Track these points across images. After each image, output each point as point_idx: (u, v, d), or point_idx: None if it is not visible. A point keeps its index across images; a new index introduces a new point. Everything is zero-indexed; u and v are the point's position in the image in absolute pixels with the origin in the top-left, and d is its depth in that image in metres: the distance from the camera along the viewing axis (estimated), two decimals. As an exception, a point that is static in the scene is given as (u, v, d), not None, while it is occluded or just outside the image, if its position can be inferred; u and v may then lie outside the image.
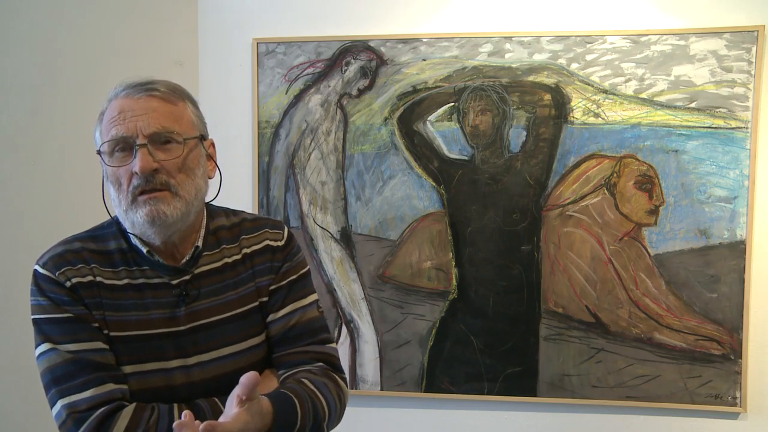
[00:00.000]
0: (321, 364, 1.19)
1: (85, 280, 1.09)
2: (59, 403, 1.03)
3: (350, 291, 2.18)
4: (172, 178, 1.08)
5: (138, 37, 2.09)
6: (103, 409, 1.02)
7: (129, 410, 1.03)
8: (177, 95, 1.12)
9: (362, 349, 2.18)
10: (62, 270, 1.08)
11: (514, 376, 2.12)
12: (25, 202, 1.83)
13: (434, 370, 2.15)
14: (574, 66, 2.06)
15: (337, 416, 1.17)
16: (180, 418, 0.94)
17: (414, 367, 2.16)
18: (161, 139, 1.07)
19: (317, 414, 1.10)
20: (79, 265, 1.10)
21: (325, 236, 2.19)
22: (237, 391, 0.94)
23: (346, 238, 2.18)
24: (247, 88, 2.20)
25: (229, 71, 2.22)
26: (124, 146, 1.07)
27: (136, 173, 1.05)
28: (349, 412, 2.18)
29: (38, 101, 1.86)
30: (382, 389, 2.18)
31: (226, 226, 1.21)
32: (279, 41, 2.17)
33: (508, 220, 2.10)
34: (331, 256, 2.19)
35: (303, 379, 1.13)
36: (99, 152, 1.10)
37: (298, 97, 2.17)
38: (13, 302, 1.82)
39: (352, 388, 2.18)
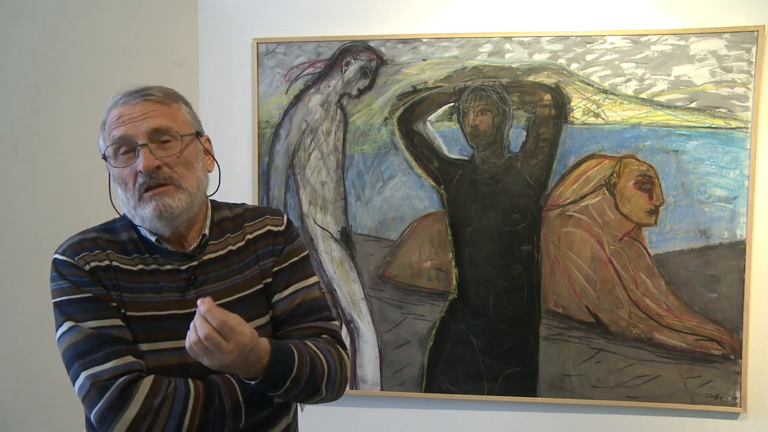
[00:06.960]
0: (325, 336, 1.25)
1: (102, 264, 1.16)
2: (82, 375, 1.09)
3: (350, 291, 2.18)
4: (174, 172, 1.16)
5: (138, 37, 2.09)
6: (124, 377, 1.08)
7: (149, 379, 1.09)
8: (171, 98, 1.21)
9: (362, 349, 2.18)
10: (81, 255, 1.16)
11: (514, 376, 2.12)
12: (25, 202, 1.83)
13: (434, 370, 2.15)
14: (574, 66, 2.06)
15: (337, 382, 1.21)
16: (195, 391, 1.08)
17: (414, 367, 2.16)
18: (160, 137, 1.15)
19: (314, 368, 1.15)
20: (96, 251, 1.17)
21: (325, 236, 2.19)
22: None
23: (346, 238, 2.18)
24: (247, 88, 2.20)
25: (229, 71, 2.22)
26: (126, 148, 1.15)
27: (141, 172, 1.13)
28: (349, 412, 2.21)
29: (38, 101, 1.86)
30: (382, 389, 2.18)
31: (229, 217, 1.30)
32: (279, 41, 2.17)
33: (508, 220, 2.10)
34: (331, 256, 2.19)
35: (305, 341, 1.20)
36: (104, 157, 1.18)
37: (298, 97, 2.17)
38: (13, 302, 1.83)
39: (351, 388, 2.18)
